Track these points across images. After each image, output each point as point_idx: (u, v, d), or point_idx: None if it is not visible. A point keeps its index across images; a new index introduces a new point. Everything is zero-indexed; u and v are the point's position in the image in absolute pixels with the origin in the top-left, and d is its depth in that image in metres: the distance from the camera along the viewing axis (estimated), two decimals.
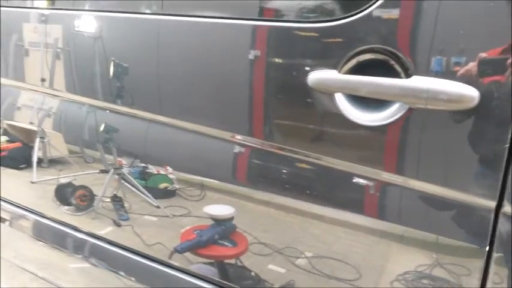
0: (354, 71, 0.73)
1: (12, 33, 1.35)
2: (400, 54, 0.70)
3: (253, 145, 0.87)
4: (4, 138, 1.57)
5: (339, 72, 0.74)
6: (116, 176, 1.14)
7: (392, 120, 0.71)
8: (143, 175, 1.12)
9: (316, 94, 0.77)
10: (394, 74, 0.70)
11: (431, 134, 0.70)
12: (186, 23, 0.93)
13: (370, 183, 0.76)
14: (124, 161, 1.17)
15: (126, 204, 1.14)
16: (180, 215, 1.04)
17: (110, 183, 1.16)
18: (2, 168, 1.53)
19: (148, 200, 1.11)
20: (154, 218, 1.09)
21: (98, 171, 1.23)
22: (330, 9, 0.77)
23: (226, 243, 0.85)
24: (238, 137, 0.89)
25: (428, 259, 0.74)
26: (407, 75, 0.69)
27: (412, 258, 0.76)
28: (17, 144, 1.53)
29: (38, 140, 1.40)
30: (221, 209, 0.86)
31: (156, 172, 1.12)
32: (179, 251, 0.95)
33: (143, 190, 1.11)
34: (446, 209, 0.72)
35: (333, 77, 0.74)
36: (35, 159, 1.40)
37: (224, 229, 0.86)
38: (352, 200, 0.79)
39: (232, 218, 0.86)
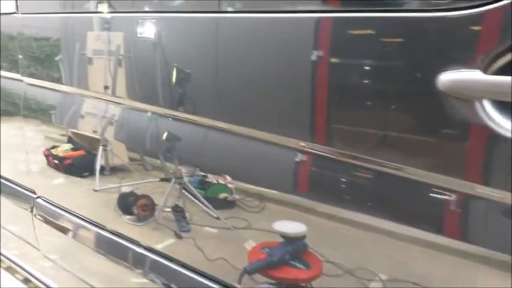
0: (503, 71, 0.58)
1: (75, 42, 1.38)
2: None
3: (327, 155, 0.78)
4: (68, 146, 1.59)
5: (485, 73, 0.59)
6: (177, 186, 1.10)
7: None
8: (202, 184, 1.08)
9: (448, 99, 0.62)
10: None
11: None
12: (263, 20, 0.84)
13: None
14: (184, 169, 1.14)
15: (186, 215, 1.10)
16: (242, 228, 0.99)
17: (171, 193, 1.12)
18: (66, 176, 1.56)
19: (208, 210, 1.06)
20: (215, 230, 1.04)
21: (158, 179, 1.20)
22: None
23: (298, 264, 0.77)
24: (304, 144, 0.81)
25: None
26: None
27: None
28: (81, 152, 1.55)
29: (101, 148, 1.40)
30: (292, 226, 0.78)
31: (215, 181, 1.07)
32: (249, 272, 0.87)
33: (204, 200, 1.07)
34: None
35: (477, 78, 0.59)
36: (98, 167, 1.40)
37: (296, 248, 0.78)
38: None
39: (304, 237, 0.78)
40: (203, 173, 1.09)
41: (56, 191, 1.59)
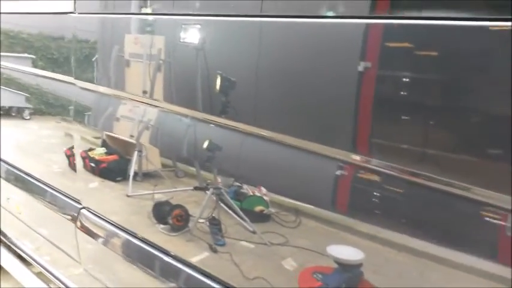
0: None
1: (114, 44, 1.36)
2: None
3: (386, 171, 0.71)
4: (103, 150, 1.58)
5: None
6: (214, 196, 1.05)
7: None
8: (238, 195, 1.03)
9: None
10: None
11: None
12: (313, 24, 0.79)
13: None
14: (219, 179, 1.09)
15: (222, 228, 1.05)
16: (279, 244, 0.93)
17: (207, 203, 1.08)
18: (101, 180, 1.55)
19: (244, 224, 1.01)
20: (251, 245, 0.99)
21: (191, 188, 1.16)
22: None
23: None
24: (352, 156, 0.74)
25: None
26: None
27: None
28: (115, 157, 1.54)
29: (136, 153, 1.38)
30: (349, 252, 0.71)
31: (251, 193, 1.02)
32: None
33: (241, 213, 1.02)
34: None
35: None
36: (131, 173, 1.38)
37: (352, 277, 0.70)
38: None
39: (361, 265, 0.71)
40: (238, 184, 1.04)
41: (95, 195, 1.58)
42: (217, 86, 0.94)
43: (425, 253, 0.68)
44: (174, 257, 1.12)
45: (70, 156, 1.64)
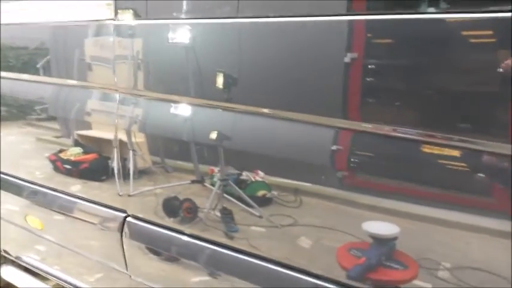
0: None
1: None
2: None
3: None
4: (78, 149, 1.57)
5: None
6: (221, 187, 1.14)
7: None
8: (239, 183, 1.11)
9: None
10: None
11: None
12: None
13: None
14: (215, 169, 1.17)
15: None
16: (289, 225, 1.02)
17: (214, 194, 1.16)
18: (82, 181, 1.54)
19: (250, 210, 1.09)
20: (262, 229, 1.08)
21: (189, 181, 1.22)
22: None
23: (395, 265, 0.81)
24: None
25: None
26: None
27: None
28: (95, 156, 1.53)
29: (131, 152, 1.38)
30: (385, 227, 0.83)
31: (252, 179, 1.10)
32: (357, 277, 0.86)
33: (249, 200, 1.10)
34: None
35: None
36: (132, 171, 1.38)
37: (389, 249, 0.81)
38: None
39: (396, 238, 0.82)
40: (238, 172, 1.12)
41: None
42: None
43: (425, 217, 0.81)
44: (237, 250, 1.12)
45: (56, 161, 1.59)
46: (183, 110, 1.21)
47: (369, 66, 0.85)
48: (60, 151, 1.61)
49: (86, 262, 1.56)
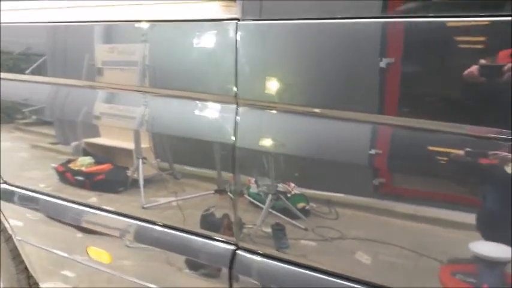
0: None
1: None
2: None
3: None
4: (89, 159, 1.42)
5: None
6: (271, 201, 1.01)
7: None
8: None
9: None
10: None
11: None
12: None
13: None
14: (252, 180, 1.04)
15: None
16: (338, 238, 0.92)
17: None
18: (98, 193, 1.40)
19: (294, 222, 0.98)
20: (313, 243, 0.97)
21: (212, 191, 1.09)
22: None
23: None
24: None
25: None
26: None
27: None
28: (109, 166, 1.39)
29: (140, 160, 1.26)
30: (496, 248, 0.71)
31: (291, 192, 0.98)
32: None
33: (298, 213, 0.98)
34: None
35: None
36: (141, 182, 1.26)
37: (500, 274, 0.70)
38: None
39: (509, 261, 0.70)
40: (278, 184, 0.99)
41: None
42: None
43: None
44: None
45: (64, 172, 1.44)
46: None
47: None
48: (69, 161, 1.45)
49: None
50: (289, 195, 0.98)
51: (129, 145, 1.26)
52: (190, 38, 1.04)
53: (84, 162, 1.43)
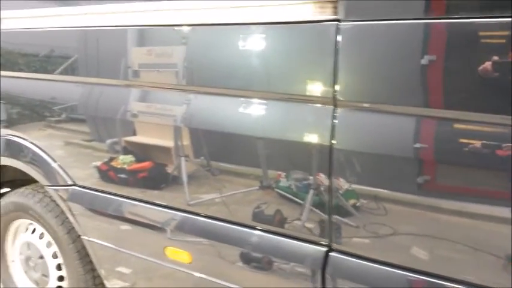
0: None
1: None
2: None
3: None
4: (130, 157, 1.45)
5: None
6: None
7: None
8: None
9: None
10: None
11: None
12: None
13: None
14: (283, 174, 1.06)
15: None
16: (390, 234, 0.93)
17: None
18: (141, 190, 1.43)
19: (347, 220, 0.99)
20: (366, 240, 0.98)
21: (257, 187, 1.11)
22: None
23: None
24: None
25: None
26: None
27: None
28: (150, 163, 1.42)
29: (183, 158, 1.29)
30: None
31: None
32: None
33: (351, 209, 0.98)
34: None
35: None
36: (185, 179, 1.29)
37: None
38: None
39: None
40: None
41: None
42: None
43: None
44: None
45: (108, 170, 1.47)
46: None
47: None
48: (111, 159, 1.49)
49: None
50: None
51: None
52: (285, 40, 1.04)
53: (126, 160, 1.47)
